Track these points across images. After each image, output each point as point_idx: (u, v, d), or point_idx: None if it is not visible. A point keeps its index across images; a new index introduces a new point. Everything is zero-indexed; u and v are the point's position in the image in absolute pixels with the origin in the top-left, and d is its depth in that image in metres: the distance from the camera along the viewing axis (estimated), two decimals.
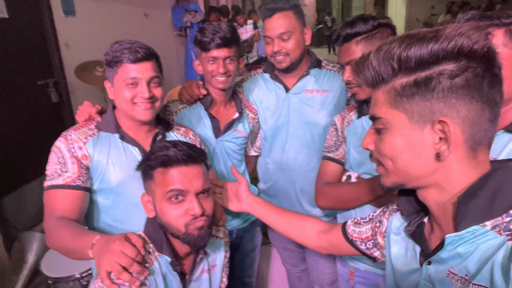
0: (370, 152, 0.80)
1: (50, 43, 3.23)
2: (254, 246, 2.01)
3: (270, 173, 1.89)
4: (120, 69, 1.25)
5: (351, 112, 1.51)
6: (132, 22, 4.63)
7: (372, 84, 0.74)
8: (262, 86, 1.84)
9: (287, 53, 1.64)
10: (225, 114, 1.76)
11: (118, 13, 4.31)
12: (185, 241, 1.07)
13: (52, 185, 1.23)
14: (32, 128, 3.01)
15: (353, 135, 1.45)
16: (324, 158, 1.53)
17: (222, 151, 1.74)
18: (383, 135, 0.73)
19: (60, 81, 3.29)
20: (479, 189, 0.66)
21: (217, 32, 1.54)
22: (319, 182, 1.49)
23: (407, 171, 0.72)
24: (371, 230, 1.01)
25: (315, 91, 1.74)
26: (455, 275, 0.68)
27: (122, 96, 1.26)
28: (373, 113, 0.74)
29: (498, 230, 0.63)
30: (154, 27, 5.30)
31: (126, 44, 1.25)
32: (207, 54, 1.59)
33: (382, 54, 0.69)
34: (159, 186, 1.07)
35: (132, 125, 1.34)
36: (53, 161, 1.25)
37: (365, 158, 1.40)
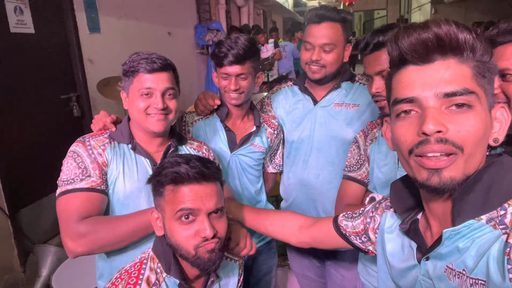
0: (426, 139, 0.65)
1: (74, 59, 3.30)
2: (270, 269, 1.91)
3: (291, 189, 1.81)
4: (136, 79, 1.24)
5: (374, 129, 1.43)
6: (155, 40, 4.71)
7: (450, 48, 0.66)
8: (290, 98, 1.78)
9: (324, 65, 1.57)
10: (242, 128, 1.71)
11: (142, 31, 4.40)
12: (195, 264, 1.00)
13: (73, 188, 1.18)
14: (53, 141, 3.04)
15: (378, 154, 1.37)
16: (345, 178, 1.45)
17: (237, 166, 1.69)
18: (466, 114, 0.65)
19: (82, 95, 3.35)
20: (474, 183, 0.66)
21: (232, 49, 1.51)
22: (340, 203, 1.42)
23: (477, 158, 0.67)
24: (363, 225, 1.00)
25: (345, 104, 1.66)
26: (453, 270, 0.68)
27: (136, 106, 1.24)
28: (465, 87, 0.65)
29: (493, 224, 0.64)
30: (177, 45, 5.39)
31: (144, 54, 1.24)
32: (220, 69, 1.56)
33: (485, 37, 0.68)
34: (169, 204, 1.01)
35: (145, 137, 1.32)
36: (71, 165, 1.21)
37: (390, 178, 1.32)
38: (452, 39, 0.65)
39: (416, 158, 0.68)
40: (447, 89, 0.65)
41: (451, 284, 0.69)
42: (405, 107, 0.69)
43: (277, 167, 1.86)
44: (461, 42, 0.65)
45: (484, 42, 0.66)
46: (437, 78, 0.66)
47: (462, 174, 0.65)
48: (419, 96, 0.67)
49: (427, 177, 0.67)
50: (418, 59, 0.68)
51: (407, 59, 0.69)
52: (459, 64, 0.66)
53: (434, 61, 0.67)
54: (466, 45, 0.65)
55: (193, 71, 6.04)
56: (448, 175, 0.65)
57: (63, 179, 1.20)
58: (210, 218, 1.00)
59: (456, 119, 0.65)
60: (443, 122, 0.64)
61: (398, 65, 0.72)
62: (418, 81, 0.67)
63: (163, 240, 1.05)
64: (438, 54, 0.66)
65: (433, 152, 0.65)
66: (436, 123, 0.64)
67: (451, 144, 0.64)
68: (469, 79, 0.65)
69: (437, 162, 0.65)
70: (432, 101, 0.66)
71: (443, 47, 0.66)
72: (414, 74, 0.68)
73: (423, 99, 0.66)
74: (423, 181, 0.67)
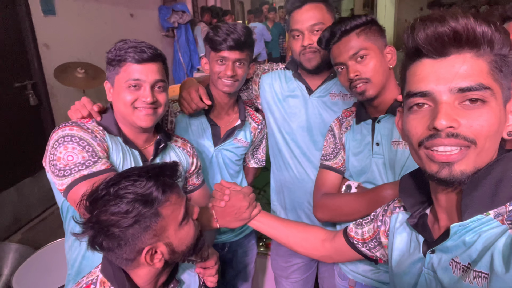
0: (437, 133, 0.65)
1: (28, 44, 3.07)
2: (249, 261, 1.88)
3: (286, 182, 1.71)
4: (122, 69, 1.14)
5: (349, 116, 1.41)
6: (116, 22, 4.48)
7: (467, 42, 0.64)
8: (283, 83, 1.66)
9: (318, 49, 1.45)
10: (226, 120, 1.64)
11: (102, 13, 4.16)
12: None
13: (91, 173, 1.04)
14: (9, 133, 2.85)
15: (353, 142, 1.35)
16: (321, 167, 1.43)
17: (219, 161, 1.62)
18: (480, 109, 0.64)
19: (39, 83, 3.14)
20: (483, 178, 0.66)
21: (232, 33, 1.43)
22: (317, 192, 1.39)
23: (490, 152, 0.66)
24: (373, 230, 1.00)
25: (342, 95, 1.58)
26: (458, 263, 0.68)
27: (122, 99, 1.15)
28: (480, 82, 0.63)
29: (501, 219, 0.64)
30: (140, 27, 5.16)
31: (132, 42, 1.15)
32: (217, 54, 1.47)
33: (505, 29, 0.65)
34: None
35: (131, 131, 1.23)
36: (74, 150, 1.06)
37: (365, 165, 1.30)
38: (469, 33, 0.63)
39: (426, 150, 0.67)
40: (462, 84, 0.64)
41: (454, 277, 0.69)
42: (418, 101, 0.68)
43: (259, 162, 1.80)
44: (479, 36, 0.63)
45: (503, 34, 0.64)
46: (452, 73, 0.65)
47: (473, 167, 0.65)
48: (433, 90, 0.66)
49: (437, 170, 0.67)
50: (433, 53, 0.66)
51: (423, 51, 0.68)
52: (475, 59, 0.64)
53: (450, 55, 0.65)
54: (483, 39, 0.64)
55: None
56: (459, 169, 0.65)
57: (69, 166, 1.05)
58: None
59: (469, 114, 0.64)
60: (456, 117, 0.64)
61: (413, 57, 0.71)
62: (433, 75, 0.66)
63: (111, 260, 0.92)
64: (454, 48, 0.65)
65: (444, 146, 0.65)
66: (449, 119, 0.63)
67: (463, 139, 0.64)
68: (485, 74, 0.64)
69: (448, 156, 0.65)
70: (445, 96, 0.65)
71: (459, 41, 0.64)
72: (428, 68, 0.67)
73: (436, 94, 0.66)
74: (432, 173, 0.68)
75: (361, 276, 1.37)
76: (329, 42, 1.26)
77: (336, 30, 1.23)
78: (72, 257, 1.25)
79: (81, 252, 1.22)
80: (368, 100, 1.25)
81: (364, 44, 1.19)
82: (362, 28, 1.21)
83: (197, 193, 1.46)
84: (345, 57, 1.22)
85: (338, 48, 1.24)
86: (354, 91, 1.24)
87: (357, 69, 1.20)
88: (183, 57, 5.94)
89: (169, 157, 1.33)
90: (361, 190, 1.30)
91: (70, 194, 1.05)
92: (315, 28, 1.45)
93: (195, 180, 1.45)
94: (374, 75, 1.19)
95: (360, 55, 1.19)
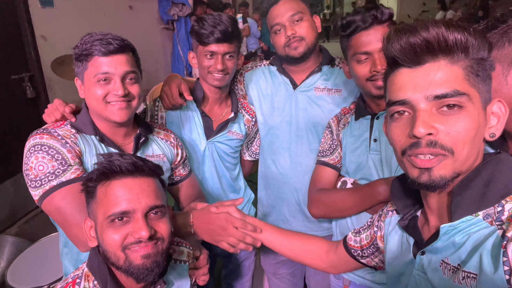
0: (418, 140, 0.67)
1: (26, 35, 3.04)
2: (248, 255, 1.87)
3: (271, 177, 1.72)
4: (90, 63, 1.11)
5: (347, 114, 1.41)
6: (115, 14, 4.44)
7: (440, 51, 0.66)
8: (268, 79, 1.67)
9: (302, 37, 1.47)
10: (219, 113, 1.62)
11: (101, 5, 4.12)
12: (128, 272, 0.87)
13: (60, 182, 1.04)
14: (5, 125, 2.83)
15: (350, 138, 1.34)
16: (318, 163, 1.41)
17: (213, 153, 1.60)
18: (457, 115, 0.66)
19: (36, 75, 3.11)
20: (472, 180, 0.68)
21: (218, 25, 1.39)
22: (313, 188, 1.38)
23: (469, 156, 0.68)
24: (370, 237, 1.01)
25: (327, 89, 1.57)
26: (448, 264, 0.69)
27: (93, 94, 1.12)
28: (455, 89, 0.65)
29: (490, 220, 0.65)
30: (139, 20, 5.11)
31: (98, 35, 1.11)
32: (205, 48, 1.44)
33: (481, 32, 0.67)
34: (100, 206, 0.89)
35: (108, 127, 1.20)
36: (44, 159, 1.05)
37: (362, 162, 1.29)
38: (441, 42, 0.65)
39: (409, 158, 0.70)
40: (437, 91, 0.65)
41: (444, 278, 0.70)
42: (398, 109, 0.71)
43: (253, 155, 1.78)
44: (451, 44, 0.65)
45: (480, 38, 0.66)
46: (427, 81, 0.66)
47: (452, 172, 0.67)
48: (411, 98, 0.68)
49: (417, 175, 0.69)
50: (409, 62, 0.69)
51: (399, 61, 0.70)
52: (450, 65, 0.66)
53: (425, 63, 0.67)
54: (456, 46, 0.65)
55: (158, 47, 5.79)
56: (438, 174, 0.67)
57: (39, 177, 1.05)
58: (148, 218, 0.89)
59: (446, 120, 0.66)
60: (434, 124, 0.66)
61: (392, 67, 0.73)
62: (409, 84, 0.68)
63: (98, 252, 0.93)
64: (429, 56, 0.67)
65: (423, 154, 0.67)
66: (426, 126, 0.65)
67: (440, 147, 0.66)
68: (460, 80, 0.66)
69: (426, 162, 0.67)
70: (423, 104, 0.67)
71: (432, 50, 0.66)
72: (405, 77, 0.69)
73: (414, 102, 0.68)
74: (414, 178, 0.70)
75: (356, 276, 1.36)
76: (357, 28, 1.18)
77: (367, 17, 1.15)
78: (64, 264, 1.25)
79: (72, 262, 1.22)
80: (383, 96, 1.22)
81: None
82: (391, 22, 1.17)
83: (185, 184, 1.44)
84: (375, 47, 1.15)
85: (367, 36, 1.16)
86: (373, 84, 1.19)
87: (384, 63, 1.16)
88: (182, 50, 5.90)
89: (152, 150, 1.30)
90: (356, 186, 1.29)
91: (43, 206, 1.06)
92: (295, 18, 1.46)
93: (182, 171, 1.43)
94: None
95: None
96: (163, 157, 1.31)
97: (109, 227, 0.88)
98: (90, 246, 0.94)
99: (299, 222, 1.69)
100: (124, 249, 0.86)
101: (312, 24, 1.51)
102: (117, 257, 0.87)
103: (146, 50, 5.13)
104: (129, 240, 0.87)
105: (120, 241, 0.86)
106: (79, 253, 1.21)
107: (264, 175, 1.76)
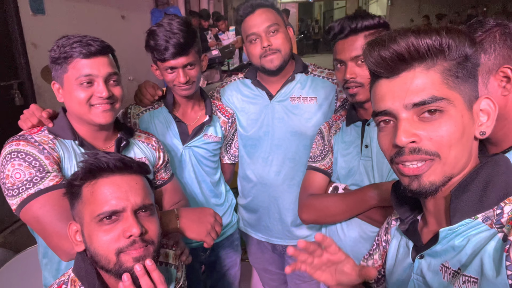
0: (401, 148, 0.67)
1: (16, 42, 3.00)
2: (234, 263, 1.83)
3: (250, 187, 1.73)
4: (70, 66, 1.08)
5: (338, 120, 1.42)
6: (107, 24, 4.44)
7: (413, 59, 0.66)
8: (243, 92, 1.69)
9: (278, 49, 1.49)
10: (193, 117, 1.60)
11: (92, 14, 4.12)
12: (118, 274, 0.84)
13: (38, 190, 1.01)
14: None
15: (341, 144, 1.35)
16: (309, 168, 1.41)
17: (191, 158, 1.59)
18: (438, 120, 0.66)
19: (25, 83, 3.07)
20: (470, 182, 0.68)
21: (170, 39, 1.35)
22: (303, 193, 1.37)
23: (459, 158, 0.68)
24: (381, 257, 0.96)
25: (302, 98, 1.59)
26: (448, 268, 0.69)
27: (75, 98, 1.09)
28: (432, 95, 0.65)
29: (490, 223, 0.65)
30: (131, 30, 5.11)
31: (76, 37, 1.09)
32: (163, 64, 1.42)
33: (458, 30, 0.66)
34: (87, 206, 0.86)
35: (89, 131, 1.17)
36: (20, 167, 1.02)
37: (353, 167, 1.29)
38: (411, 51, 0.65)
39: (397, 166, 0.71)
40: (414, 99, 0.66)
41: (444, 283, 0.69)
42: (382, 119, 0.72)
43: (232, 158, 1.77)
44: (423, 51, 0.65)
45: (457, 36, 0.65)
46: (404, 90, 0.67)
47: (442, 176, 0.67)
48: (391, 108, 0.69)
49: (408, 183, 0.70)
50: (385, 74, 0.70)
51: (376, 74, 0.71)
52: (425, 72, 0.66)
53: (401, 73, 0.68)
54: (430, 52, 0.65)
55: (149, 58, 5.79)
56: (427, 180, 0.67)
57: (17, 185, 1.01)
58: (137, 217, 0.87)
59: (428, 126, 0.66)
60: (415, 132, 0.66)
61: (373, 78, 0.75)
62: (389, 94, 0.69)
63: (85, 256, 0.90)
64: (403, 66, 0.67)
65: (409, 162, 0.68)
66: (407, 135, 0.66)
67: (424, 153, 0.66)
68: (437, 85, 0.66)
69: (415, 169, 0.68)
70: (403, 113, 0.67)
71: (404, 60, 0.67)
72: (385, 87, 0.70)
73: (395, 111, 0.68)
74: (405, 186, 0.71)
75: None
76: (336, 35, 1.24)
77: (345, 26, 1.20)
78: (44, 275, 1.22)
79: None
80: (358, 103, 1.24)
81: None
82: (372, 32, 1.19)
83: (167, 188, 1.42)
84: (347, 56, 1.20)
85: (343, 44, 1.22)
86: (347, 91, 1.25)
87: (355, 72, 1.20)
88: None
89: (133, 153, 1.28)
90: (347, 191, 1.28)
91: (21, 215, 1.03)
92: (271, 30, 1.48)
93: (164, 175, 1.41)
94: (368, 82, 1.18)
95: (361, 59, 1.18)
96: (145, 160, 1.30)
97: (98, 228, 0.85)
98: (77, 250, 0.91)
99: (279, 230, 1.69)
100: (119, 252, 0.84)
101: (287, 36, 1.54)
102: (108, 260, 0.84)
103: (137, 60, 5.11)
104: (123, 243, 0.84)
105: (113, 243, 0.84)
106: (59, 263, 1.17)
107: (243, 185, 1.77)
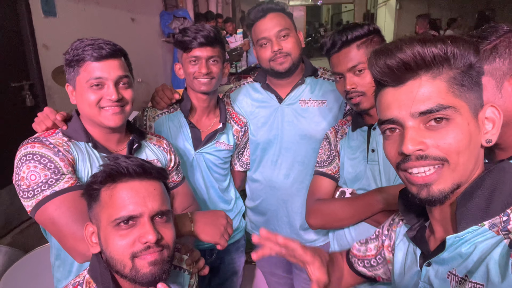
0: (408, 156, 0.67)
1: (27, 44, 3.05)
2: (237, 269, 1.84)
3: (259, 190, 1.73)
4: (82, 69, 1.10)
5: (344, 125, 1.43)
6: (117, 26, 4.48)
7: (419, 68, 0.66)
8: (252, 96, 1.70)
9: (288, 53, 1.51)
10: (207, 124, 1.62)
11: (103, 16, 4.17)
12: (134, 280, 0.84)
13: (53, 192, 1.02)
14: (3, 133, 2.82)
15: (348, 148, 1.35)
16: (316, 173, 1.42)
17: (202, 164, 1.60)
18: (445, 128, 0.66)
19: (36, 84, 3.11)
20: (476, 189, 0.68)
21: (200, 31, 1.44)
22: (311, 198, 1.38)
23: (468, 165, 0.68)
24: (377, 247, 0.99)
25: (312, 101, 1.60)
26: (455, 276, 0.68)
27: (86, 100, 1.11)
28: (439, 103, 0.65)
29: (496, 230, 0.65)
30: (140, 32, 5.17)
31: (89, 40, 1.11)
32: (189, 54, 1.47)
33: (462, 39, 0.66)
34: (105, 209, 0.86)
35: (101, 133, 1.19)
36: (36, 169, 1.03)
37: (360, 171, 1.30)
38: (417, 60, 0.66)
39: (404, 173, 0.70)
40: (421, 108, 0.66)
41: None
42: (388, 127, 0.72)
43: (244, 166, 1.77)
44: (429, 60, 0.66)
45: (463, 46, 0.66)
46: (410, 98, 0.67)
47: (452, 184, 0.67)
48: (397, 117, 0.69)
49: (416, 191, 0.70)
50: (391, 82, 0.70)
51: (382, 82, 0.72)
52: (431, 80, 0.67)
53: (407, 81, 0.68)
54: (435, 61, 0.66)
55: (159, 60, 5.83)
56: (437, 188, 0.67)
57: (32, 187, 1.03)
58: (154, 223, 0.88)
59: (435, 134, 0.66)
60: (422, 140, 0.66)
61: (378, 86, 0.74)
62: (395, 103, 0.69)
63: (101, 258, 0.91)
64: (409, 75, 0.67)
65: (416, 168, 0.68)
66: (414, 143, 0.66)
67: (432, 159, 0.66)
68: (443, 94, 0.66)
69: (424, 178, 0.67)
70: (410, 121, 0.67)
71: (411, 69, 0.67)
72: (390, 96, 0.70)
73: (401, 120, 0.68)
74: (414, 194, 0.71)
75: None
76: (329, 50, 1.27)
77: (337, 40, 1.23)
78: (56, 277, 1.23)
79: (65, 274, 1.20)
80: (363, 110, 1.26)
81: (363, 58, 1.19)
82: (364, 40, 1.21)
83: (179, 190, 1.43)
84: (344, 68, 1.23)
85: (337, 58, 1.25)
86: (350, 102, 1.27)
87: (354, 82, 1.22)
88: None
89: (145, 155, 1.29)
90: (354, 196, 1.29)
91: (36, 217, 1.04)
92: (282, 34, 1.50)
93: (175, 177, 1.42)
94: (370, 89, 1.19)
95: (358, 69, 1.21)
96: (156, 162, 1.31)
97: (115, 232, 0.85)
98: (93, 252, 0.92)
99: (287, 233, 1.69)
100: (134, 257, 0.84)
101: (298, 40, 1.56)
102: (123, 265, 0.84)
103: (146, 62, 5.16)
104: (138, 247, 0.84)
105: (128, 248, 0.84)
106: (72, 265, 1.19)
107: (252, 187, 1.78)
